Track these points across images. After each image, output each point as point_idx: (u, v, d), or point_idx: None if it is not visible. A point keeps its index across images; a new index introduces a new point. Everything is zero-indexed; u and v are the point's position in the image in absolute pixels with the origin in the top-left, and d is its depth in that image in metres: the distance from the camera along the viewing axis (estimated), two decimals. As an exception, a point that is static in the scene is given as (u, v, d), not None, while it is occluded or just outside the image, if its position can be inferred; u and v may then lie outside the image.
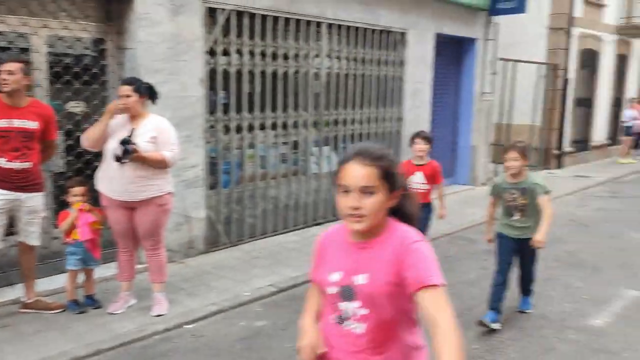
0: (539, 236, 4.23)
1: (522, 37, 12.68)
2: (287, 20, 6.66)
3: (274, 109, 6.72)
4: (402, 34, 8.41)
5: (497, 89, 11.30)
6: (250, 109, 6.44)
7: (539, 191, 4.31)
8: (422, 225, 5.03)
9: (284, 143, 7.02)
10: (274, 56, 6.62)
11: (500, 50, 11.33)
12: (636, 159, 14.98)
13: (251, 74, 6.39)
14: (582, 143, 14.58)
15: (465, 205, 8.60)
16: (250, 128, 6.48)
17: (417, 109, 8.86)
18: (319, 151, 7.41)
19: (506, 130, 11.96)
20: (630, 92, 16.61)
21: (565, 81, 13.05)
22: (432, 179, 5.39)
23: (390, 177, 1.70)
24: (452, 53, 10.11)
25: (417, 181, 5.27)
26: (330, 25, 7.20)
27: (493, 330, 4.30)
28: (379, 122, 8.26)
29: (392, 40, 8.27)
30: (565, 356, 3.99)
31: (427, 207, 5.33)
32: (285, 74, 6.77)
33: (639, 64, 17.36)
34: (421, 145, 5.32)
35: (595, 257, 6.45)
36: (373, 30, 7.88)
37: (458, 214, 7.88)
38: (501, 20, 10.60)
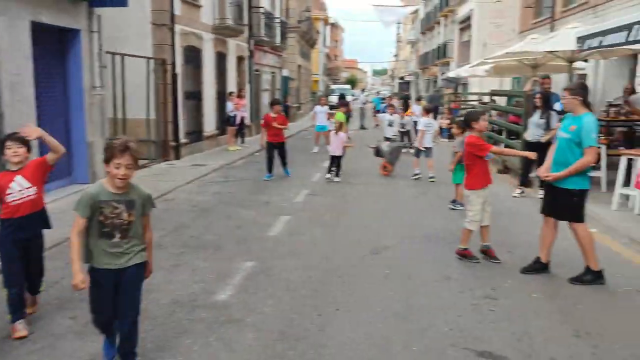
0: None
1: (129, 31, 12.67)
2: None
3: None
4: (-11, 20, 7.31)
5: (108, 82, 11.01)
6: None
7: (149, 207, 3.58)
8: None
9: None
10: None
11: (109, 44, 11.04)
12: (241, 146, 16.93)
13: None
14: (196, 134, 15.57)
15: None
16: None
17: (18, 103, 7.88)
18: None
19: (122, 125, 11.81)
20: (230, 86, 18.51)
21: (174, 76, 13.64)
22: (40, 176, 4.35)
23: None
24: (56, 44, 9.35)
25: (18, 189, 4.19)
26: None
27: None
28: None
29: (-24, 25, 7.11)
30: (199, 334, 4.17)
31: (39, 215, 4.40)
32: None
33: (236, 61, 19.50)
34: (15, 149, 4.20)
35: (216, 237, 6.96)
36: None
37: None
38: (106, 12, 10.32)
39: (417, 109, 18.28)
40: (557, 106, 9.05)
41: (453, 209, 8.55)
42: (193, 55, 15.23)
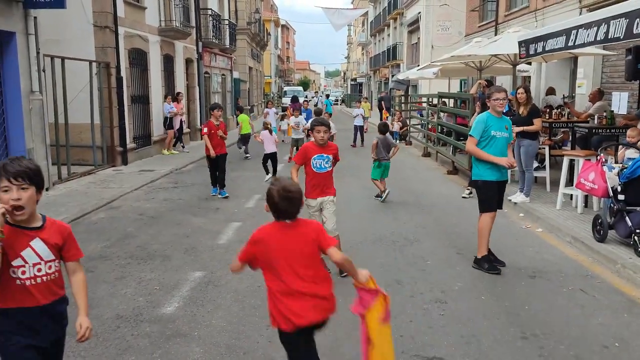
0: None
1: (70, 33, 12.24)
2: None
3: None
4: None
5: (48, 86, 10.57)
6: None
7: None
8: None
9: None
10: None
11: (48, 47, 10.64)
12: (180, 151, 16.55)
13: None
14: (144, 138, 15.16)
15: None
16: None
17: (-52, 111, 7.45)
18: None
19: (65, 130, 11.37)
20: (179, 89, 18.13)
21: (119, 79, 13.24)
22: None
23: None
24: (-12, 47, 8.91)
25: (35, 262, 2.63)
26: None
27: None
28: None
29: None
30: (143, 351, 4.01)
31: None
32: None
33: (185, 64, 19.13)
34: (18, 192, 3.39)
35: (164, 246, 6.75)
36: None
37: None
38: (44, 14, 9.91)
39: (358, 111, 19.70)
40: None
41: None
42: (139, 58, 14.84)
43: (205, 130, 9.77)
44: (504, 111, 9.14)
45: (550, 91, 13.00)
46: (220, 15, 24.01)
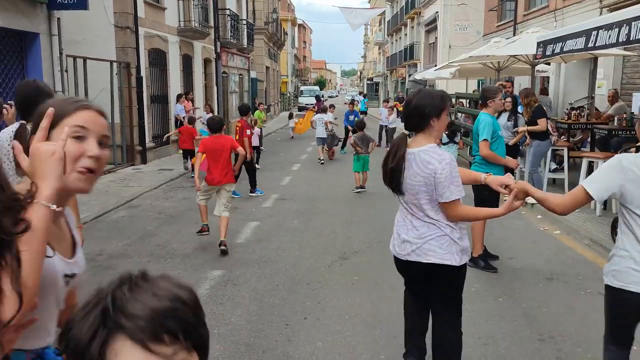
0: None
1: (92, 34, 12.42)
2: None
3: None
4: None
5: (70, 86, 10.76)
6: None
7: None
8: None
9: None
10: None
11: (70, 47, 10.82)
12: None
13: None
14: (163, 137, 15.32)
15: None
16: None
17: (-26, 111, 7.62)
18: None
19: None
20: (197, 89, 18.30)
21: (139, 79, 13.41)
22: None
23: None
24: (14, 48, 9.10)
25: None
26: None
27: None
28: None
29: None
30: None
31: None
32: None
33: (203, 64, 19.31)
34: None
35: (183, 245, 6.85)
36: None
37: None
38: (67, 15, 10.09)
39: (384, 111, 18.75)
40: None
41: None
42: (158, 58, 15.01)
43: (239, 128, 9.62)
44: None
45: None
46: (238, 15, 24.17)
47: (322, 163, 14.35)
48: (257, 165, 11.54)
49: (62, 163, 1.33)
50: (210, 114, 13.60)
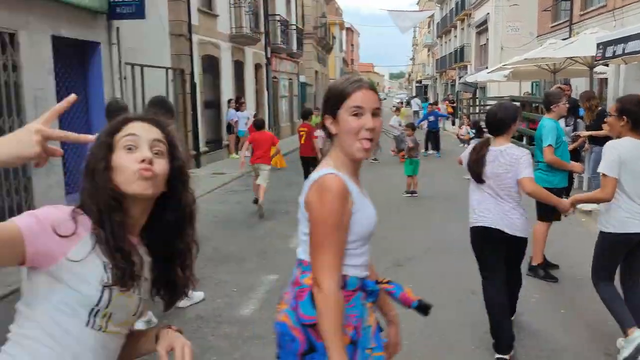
0: None
1: (148, 42, 12.77)
2: None
3: None
4: (12, 35, 7.43)
5: (128, 94, 11.12)
6: None
7: None
8: None
9: None
10: None
11: (128, 55, 11.16)
12: (239, 155, 16.75)
13: None
14: (216, 142, 15.66)
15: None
16: None
17: (41, 119, 7.98)
18: None
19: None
20: (249, 94, 18.59)
21: (193, 85, 13.74)
22: None
23: None
24: (76, 57, 9.49)
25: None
26: None
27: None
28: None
29: None
30: (223, 351, 4.17)
31: None
32: None
33: (254, 69, 19.59)
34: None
35: (238, 248, 6.97)
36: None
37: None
38: (124, 24, 10.43)
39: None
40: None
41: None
42: (211, 65, 15.34)
43: (305, 130, 10.40)
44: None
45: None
46: (288, 21, 24.41)
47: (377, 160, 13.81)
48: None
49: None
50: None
